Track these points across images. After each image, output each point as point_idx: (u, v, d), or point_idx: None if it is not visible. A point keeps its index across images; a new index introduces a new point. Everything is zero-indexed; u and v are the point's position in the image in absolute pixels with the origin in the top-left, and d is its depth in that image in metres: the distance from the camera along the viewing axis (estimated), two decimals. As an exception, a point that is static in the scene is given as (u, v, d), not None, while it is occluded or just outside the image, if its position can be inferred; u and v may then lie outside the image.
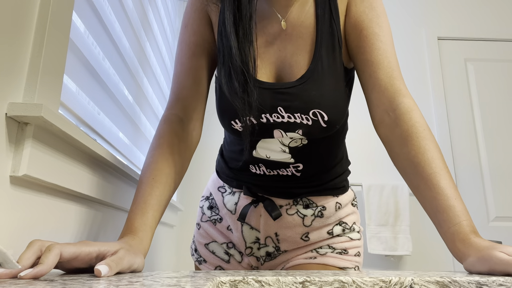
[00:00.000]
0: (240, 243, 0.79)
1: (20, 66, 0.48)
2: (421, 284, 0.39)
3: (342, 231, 0.77)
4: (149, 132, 1.30)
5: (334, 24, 0.66)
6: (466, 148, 2.06)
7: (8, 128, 0.45)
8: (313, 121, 0.64)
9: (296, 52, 0.66)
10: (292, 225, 0.75)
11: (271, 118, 0.65)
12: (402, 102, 0.63)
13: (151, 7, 1.35)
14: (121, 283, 0.34)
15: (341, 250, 0.75)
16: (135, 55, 1.12)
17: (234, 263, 0.81)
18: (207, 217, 0.84)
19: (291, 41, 0.67)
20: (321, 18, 0.66)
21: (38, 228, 0.51)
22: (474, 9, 2.31)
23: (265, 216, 0.75)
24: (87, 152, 0.63)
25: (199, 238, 0.86)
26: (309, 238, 0.76)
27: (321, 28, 0.66)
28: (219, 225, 0.82)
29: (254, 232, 0.77)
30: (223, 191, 0.81)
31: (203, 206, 0.86)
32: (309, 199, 0.75)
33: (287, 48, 0.67)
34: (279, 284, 0.39)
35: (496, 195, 2.00)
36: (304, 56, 0.66)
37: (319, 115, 0.64)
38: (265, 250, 0.78)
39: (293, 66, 0.66)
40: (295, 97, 0.64)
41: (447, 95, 2.15)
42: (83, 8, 0.75)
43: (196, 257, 0.86)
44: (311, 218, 0.74)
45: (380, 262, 1.89)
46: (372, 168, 2.02)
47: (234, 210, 0.78)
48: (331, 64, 0.65)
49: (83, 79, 0.76)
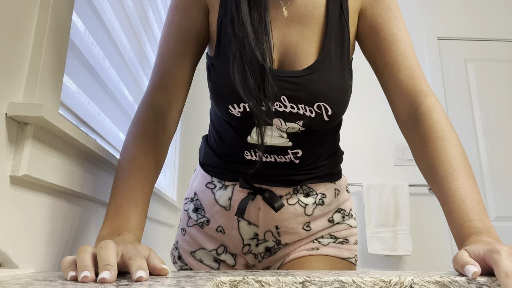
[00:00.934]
0: (236, 242, 0.73)
1: (20, 66, 0.48)
2: (421, 284, 0.39)
3: (341, 218, 0.76)
4: (149, 132, 1.30)
5: (344, 20, 0.65)
6: (466, 148, 2.06)
7: (8, 128, 0.45)
8: (317, 114, 0.63)
9: (302, 40, 0.64)
10: (294, 215, 0.71)
11: (273, 106, 0.62)
12: (423, 101, 0.62)
13: (151, 7, 1.35)
14: (121, 283, 0.34)
15: (343, 240, 0.74)
16: (135, 55, 1.12)
17: (225, 269, 0.76)
18: (194, 220, 0.77)
19: (297, 29, 0.64)
20: (331, 12, 0.65)
21: (38, 228, 0.51)
22: (474, 9, 2.31)
23: (264, 209, 0.70)
24: (87, 152, 0.63)
25: (184, 245, 0.79)
26: (311, 228, 0.73)
27: (331, 22, 0.64)
28: (207, 228, 0.75)
29: (252, 228, 0.72)
30: (212, 187, 0.74)
31: (189, 209, 0.78)
32: (309, 187, 0.72)
33: (292, 34, 0.64)
34: (279, 284, 0.39)
35: (496, 195, 2.00)
36: (311, 46, 0.64)
37: (324, 108, 0.62)
38: (265, 246, 0.73)
39: (298, 54, 0.63)
40: (301, 87, 0.62)
41: (447, 95, 2.15)
42: (83, 8, 0.75)
43: (181, 265, 0.79)
44: (313, 206, 0.72)
45: (380, 262, 1.90)
46: (372, 168, 2.02)
47: (228, 206, 0.72)
48: (338, 58, 0.64)
49: (83, 79, 0.76)
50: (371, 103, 2.11)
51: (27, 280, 0.37)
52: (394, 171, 2.02)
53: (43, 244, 0.52)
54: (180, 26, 0.67)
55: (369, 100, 2.11)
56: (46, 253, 0.53)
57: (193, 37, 0.67)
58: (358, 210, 1.96)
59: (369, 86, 2.14)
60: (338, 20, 0.65)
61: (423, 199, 1.99)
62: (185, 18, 0.67)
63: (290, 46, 0.64)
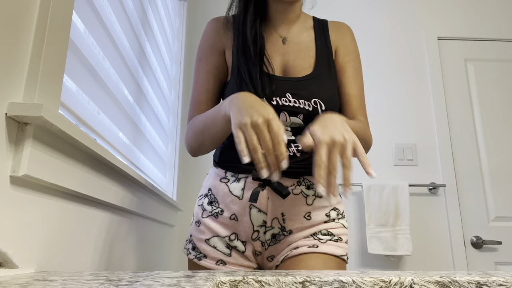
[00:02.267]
0: (247, 228, 0.84)
1: (20, 66, 0.48)
2: (421, 284, 0.39)
3: (336, 215, 0.88)
4: (149, 132, 1.30)
5: (329, 50, 0.91)
6: (466, 148, 2.06)
7: (8, 128, 0.45)
8: (313, 108, 0.82)
9: (297, 58, 0.88)
10: (298, 203, 0.84)
11: (280, 101, 0.83)
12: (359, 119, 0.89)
13: (151, 7, 1.35)
14: (121, 283, 0.34)
15: (338, 238, 0.85)
16: (135, 55, 1.12)
17: (236, 255, 0.86)
18: (208, 212, 0.88)
19: (293, 51, 0.89)
20: (319, 44, 0.91)
21: (38, 228, 0.51)
22: (474, 9, 2.31)
23: (272, 197, 0.83)
24: (87, 152, 0.63)
25: (198, 235, 0.89)
26: (311, 217, 0.85)
27: (319, 51, 0.90)
28: (220, 217, 0.86)
29: (261, 215, 0.83)
30: (226, 181, 0.87)
31: (203, 203, 0.90)
32: (309, 180, 0.86)
33: (290, 54, 0.89)
34: (279, 284, 0.39)
35: (496, 195, 2.00)
36: (305, 61, 0.88)
37: (319, 104, 0.83)
38: (271, 233, 0.84)
39: (296, 67, 0.87)
40: (302, 87, 0.83)
41: (447, 95, 2.15)
42: (83, 8, 0.75)
43: (195, 255, 0.88)
44: (313, 197, 0.85)
45: (380, 262, 1.89)
46: (372, 168, 2.02)
47: (241, 195, 0.84)
48: (328, 72, 0.88)
49: (83, 79, 0.76)
50: (371, 103, 2.11)
51: (27, 280, 0.37)
52: (394, 171, 2.02)
53: (43, 244, 0.52)
54: (204, 71, 0.91)
55: (369, 100, 2.12)
56: (46, 253, 0.53)
57: (214, 77, 0.91)
58: (358, 210, 1.96)
59: (368, 86, 2.14)
60: (325, 50, 0.90)
61: (423, 199, 1.99)
62: (206, 64, 0.91)
63: (289, 61, 0.88)
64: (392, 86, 2.14)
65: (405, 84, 2.15)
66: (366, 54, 2.19)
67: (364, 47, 2.21)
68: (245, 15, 0.88)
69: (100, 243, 0.74)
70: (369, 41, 2.21)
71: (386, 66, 2.17)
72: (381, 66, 2.17)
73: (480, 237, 1.92)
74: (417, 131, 2.08)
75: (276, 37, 0.92)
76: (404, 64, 2.18)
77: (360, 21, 2.25)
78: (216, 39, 0.92)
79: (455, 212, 1.95)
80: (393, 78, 2.16)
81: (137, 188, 0.96)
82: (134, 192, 0.93)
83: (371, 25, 2.25)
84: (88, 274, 0.41)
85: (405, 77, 2.16)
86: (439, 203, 1.98)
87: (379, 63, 2.18)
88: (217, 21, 0.95)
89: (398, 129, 2.08)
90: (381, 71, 2.17)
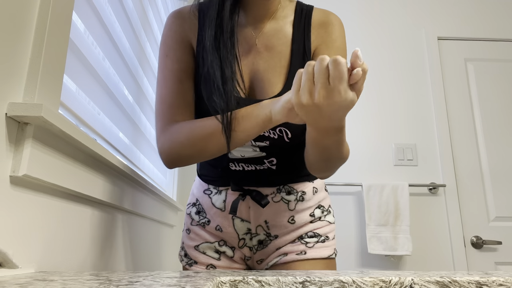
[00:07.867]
0: (233, 237, 0.85)
1: (20, 66, 0.48)
2: (421, 284, 0.39)
3: (321, 213, 0.87)
4: (149, 132, 1.30)
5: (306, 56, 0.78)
6: (466, 148, 2.06)
7: (8, 128, 0.45)
8: (279, 136, 0.75)
9: (267, 69, 0.77)
10: (279, 211, 0.83)
11: None
12: None
13: (151, 7, 1.35)
14: (121, 283, 0.34)
15: (324, 237, 0.85)
16: (135, 55, 1.12)
17: (225, 259, 0.87)
18: (196, 221, 0.89)
19: (264, 58, 0.78)
20: (295, 49, 0.78)
21: (38, 228, 0.51)
22: (474, 9, 2.31)
23: (253, 206, 0.83)
24: (87, 152, 0.63)
25: (188, 242, 0.90)
26: (295, 221, 0.84)
27: (294, 57, 0.77)
28: (207, 227, 0.88)
29: (245, 224, 0.84)
30: (209, 193, 0.87)
31: (191, 212, 0.91)
32: (290, 186, 0.84)
33: (259, 64, 0.77)
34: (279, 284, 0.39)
35: (496, 195, 2.00)
36: (276, 76, 0.76)
37: (284, 132, 0.75)
38: (257, 239, 0.85)
39: (265, 82, 0.76)
40: None
41: (447, 95, 2.15)
42: (83, 8, 0.75)
43: (186, 261, 0.90)
44: (294, 202, 0.84)
45: (380, 262, 1.89)
46: (372, 168, 2.02)
47: (223, 207, 0.85)
48: None
49: (83, 79, 0.76)
50: (370, 104, 2.11)
51: (27, 280, 0.37)
52: (394, 171, 2.02)
53: (43, 244, 0.52)
54: (174, 69, 0.77)
55: (368, 100, 2.12)
56: (46, 253, 0.53)
57: (187, 76, 0.78)
58: (358, 210, 1.96)
59: (368, 86, 2.14)
60: (301, 56, 0.78)
61: (423, 199, 1.99)
62: (176, 61, 0.77)
63: (258, 73, 0.77)
64: (392, 86, 2.15)
65: (405, 84, 2.15)
66: (366, 54, 2.19)
67: (364, 47, 2.21)
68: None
69: (100, 243, 0.74)
70: (369, 41, 2.21)
71: (386, 66, 2.17)
72: (381, 66, 2.17)
73: (480, 237, 1.92)
74: (417, 131, 2.08)
75: (249, 33, 0.79)
76: (404, 64, 2.18)
77: (360, 21, 2.25)
78: (183, 34, 0.79)
79: (455, 212, 1.95)
80: (393, 78, 2.16)
81: (137, 188, 0.96)
82: (134, 192, 0.93)
83: (371, 25, 2.25)
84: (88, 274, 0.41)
85: (405, 77, 2.16)
86: (439, 203, 1.98)
87: (379, 63, 2.18)
88: (180, 12, 0.81)
89: (398, 129, 2.08)
90: (381, 71, 2.17)
